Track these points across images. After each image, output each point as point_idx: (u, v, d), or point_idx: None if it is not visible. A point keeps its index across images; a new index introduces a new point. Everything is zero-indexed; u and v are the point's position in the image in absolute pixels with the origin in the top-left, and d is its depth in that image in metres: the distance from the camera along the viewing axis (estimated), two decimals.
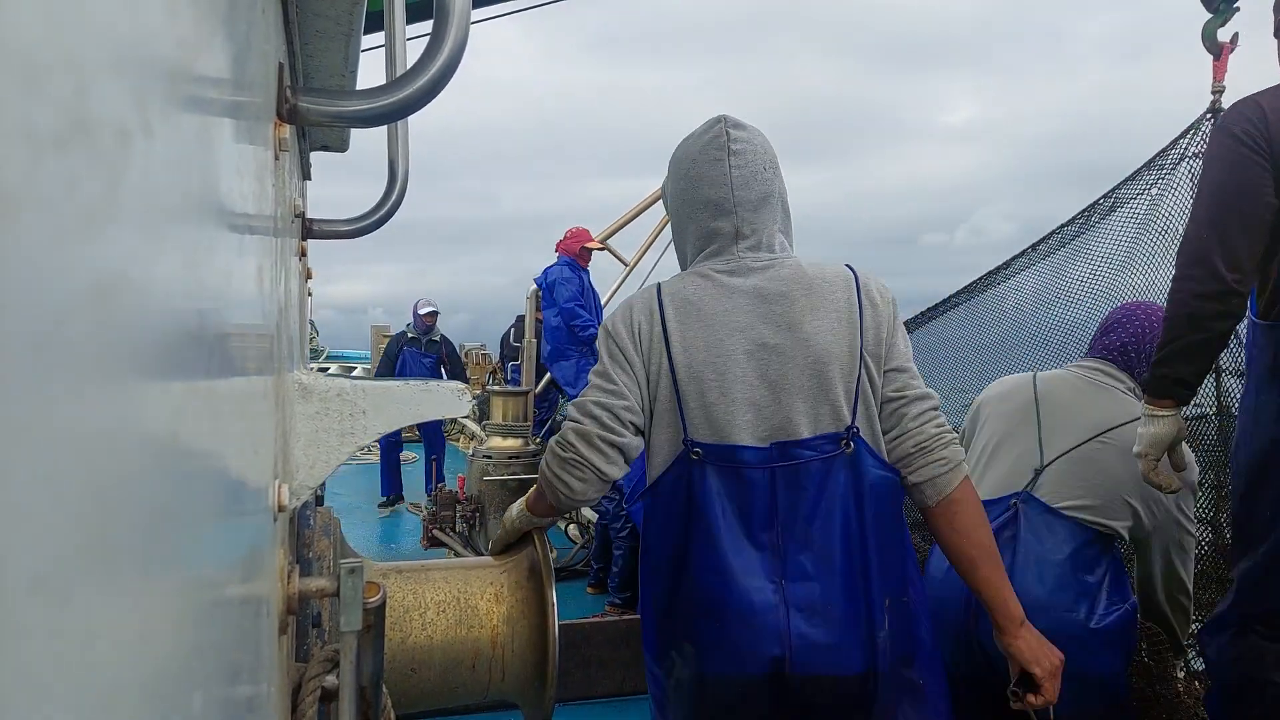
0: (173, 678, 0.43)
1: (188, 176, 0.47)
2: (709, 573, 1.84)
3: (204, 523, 0.54)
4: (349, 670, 1.20)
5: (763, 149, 1.95)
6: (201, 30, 0.52)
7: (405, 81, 1.16)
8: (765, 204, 1.94)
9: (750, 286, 1.90)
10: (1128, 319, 2.76)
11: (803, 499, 1.83)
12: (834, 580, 1.82)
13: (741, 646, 1.82)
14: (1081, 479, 2.58)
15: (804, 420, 1.85)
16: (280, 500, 1.06)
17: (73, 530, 0.28)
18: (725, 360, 1.87)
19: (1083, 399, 2.68)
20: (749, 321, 1.88)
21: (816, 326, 1.87)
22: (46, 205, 0.25)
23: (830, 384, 1.85)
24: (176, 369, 0.44)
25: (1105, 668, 2.54)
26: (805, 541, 1.82)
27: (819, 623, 1.80)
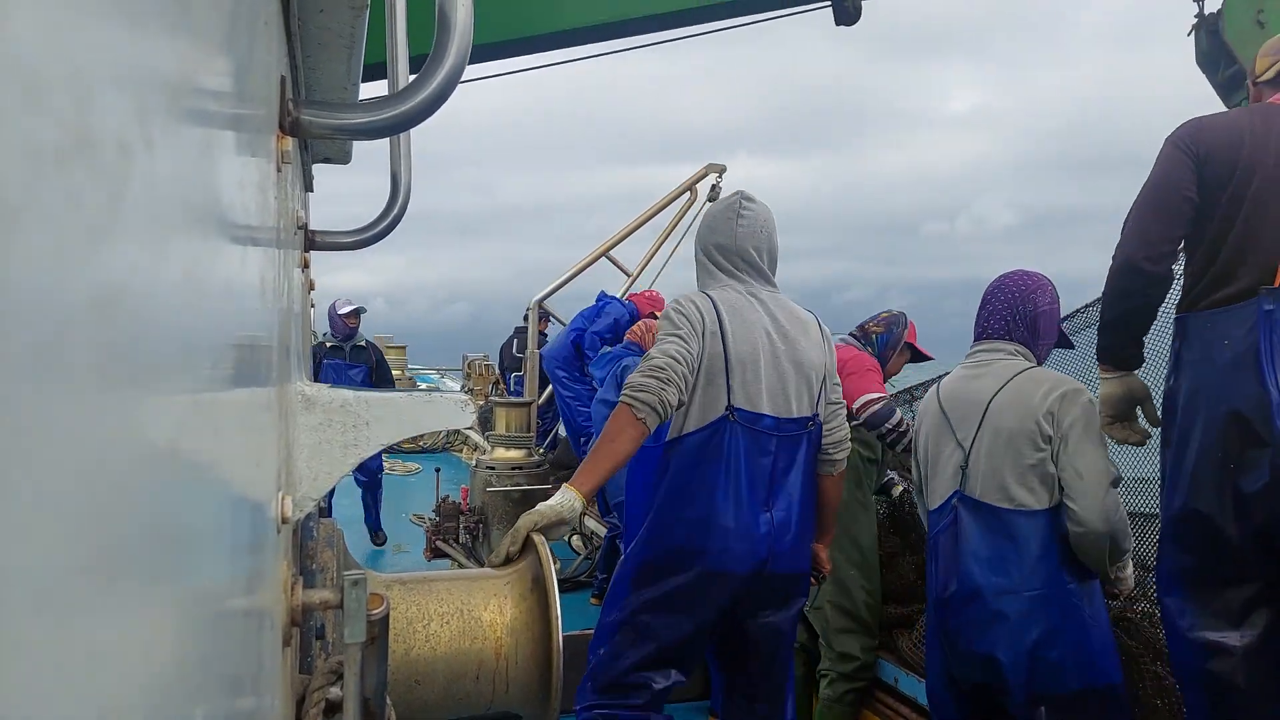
0: (176, 691, 0.43)
1: (190, 189, 0.47)
2: (730, 503, 2.68)
3: (207, 535, 0.54)
4: (353, 682, 1.19)
5: (765, 218, 2.88)
6: (203, 43, 0.52)
7: (407, 94, 1.16)
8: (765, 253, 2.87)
9: (765, 306, 2.80)
10: (994, 293, 2.91)
11: (785, 457, 2.76)
12: (794, 511, 2.77)
13: (742, 555, 2.70)
14: (992, 461, 2.69)
15: (795, 404, 2.77)
16: (283, 512, 1.06)
17: (75, 543, 0.28)
18: (757, 352, 2.72)
19: (972, 387, 2.83)
20: (769, 329, 2.77)
21: (806, 345, 2.82)
22: (49, 218, 0.25)
23: (810, 383, 2.80)
24: (179, 381, 0.45)
25: (1068, 642, 2.57)
26: (783, 486, 2.75)
27: (786, 539, 2.75)
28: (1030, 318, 2.84)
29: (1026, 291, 2.86)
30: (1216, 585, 2.38)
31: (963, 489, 2.76)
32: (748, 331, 2.71)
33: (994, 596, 2.64)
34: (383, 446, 1.49)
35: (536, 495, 6.71)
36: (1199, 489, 2.38)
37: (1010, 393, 2.70)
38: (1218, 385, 2.34)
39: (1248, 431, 2.26)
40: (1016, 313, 2.84)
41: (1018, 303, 2.85)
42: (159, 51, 0.39)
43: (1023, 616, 2.60)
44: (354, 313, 7.61)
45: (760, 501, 2.71)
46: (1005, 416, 2.68)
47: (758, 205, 2.88)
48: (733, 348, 2.68)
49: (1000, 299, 2.88)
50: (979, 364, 2.86)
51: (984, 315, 2.92)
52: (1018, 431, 2.65)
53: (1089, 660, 2.59)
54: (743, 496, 2.69)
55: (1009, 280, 2.91)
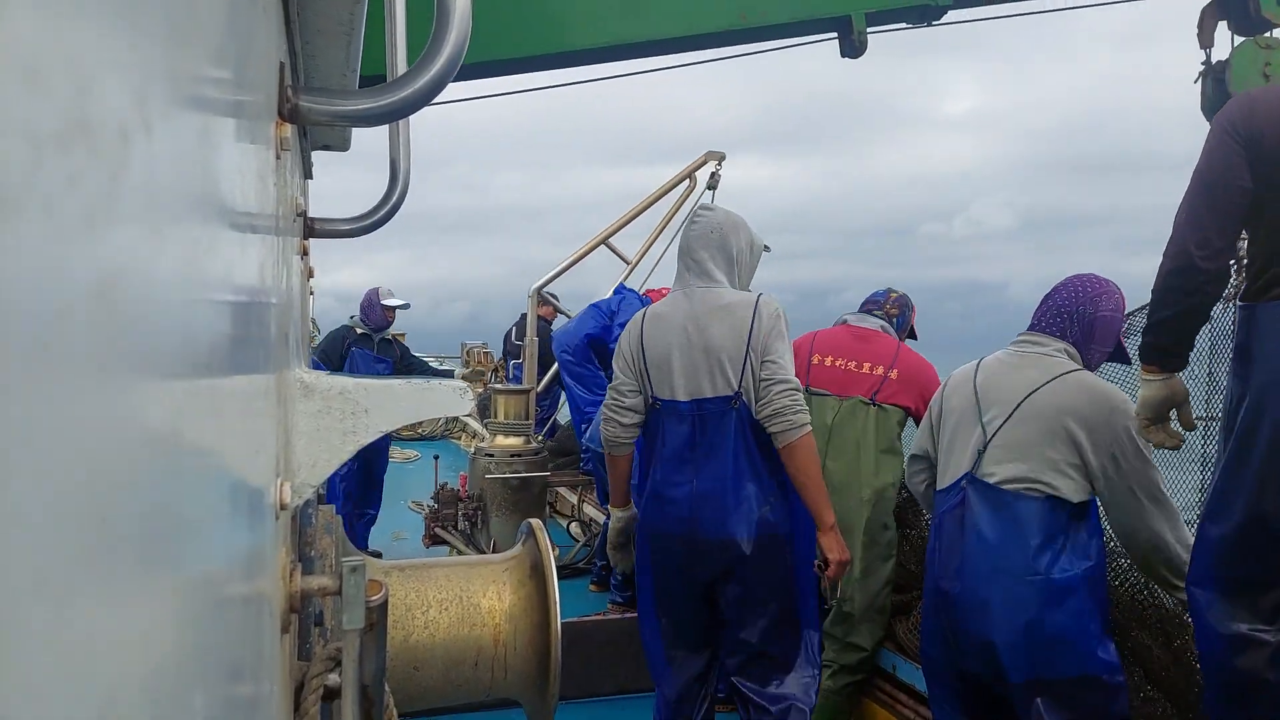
0: (175, 677, 0.43)
1: (189, 176, 0.47)
2: (659, 475, 3.13)
3: (206, 521, 0.54)
4: (351, 669, 1.20)
5: (716, 223, 3.21)
6: (202, 29, 0.52)
7: (406, 81, 1.16)
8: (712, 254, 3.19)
9: (692, 302, 3.13)
10: (1059, 289, 2.89)
11: (711, 433, 3.04)
12: (724, 484, 3.01)
13: (670, 517, 3.10)
14: (1014, 450, 2.69)
15: (709, 385, 3.05)
16: (282, 499, 1.06)
17: (74, 529, 0.28)
18: (670, 348, 3.11)
19: (1013, 373, 2.82)
20: (685, 324, 3.10)
21: (718, 331, 3.04)
22: (48, 204, 0.25)
23: (723, 365, 3.02)
24: (178, 367, 0.45)
25: (1066, 628, 2.59)
26: (709, 459, 3.03)
27: (710, 507, 3.02)
28: (1088, 320, 2.82)
29: (1092, 294, 2.84)
30: (1265, 588, 2.30)
31: (975, 471, 2.75)
32: (663, 333, 3.14)
33: (995, 580, 2.65)
34: (381, 433, 1.50)
35: (535, 482, 6.72)
36: (1265, 491, 2.25)
37: (1048, 395, 2.69)
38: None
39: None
40: (1076, 312, 2.82)
41: (1080, 302, 2.83)
42: (158, 38, 0.39)
43: (1022, 601, 2.61)
44: (399, 308, 7.25)
45: (684, 472, 3.08)
46: (1038, 421, 2.67)
47: (712, 213, 3.26)
48: (649, 352, 3.16)
49: (1063, 295, 2.87)
50: (1023, 354, 2.84)
51: (1043, 308, 2.89)
52: (1050, 428, 2.65)
53: (1088, 648, 2.60)
54: (670, 469, 3.11)
55: (1077, 280, 2.90)
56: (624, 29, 3.94)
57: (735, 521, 3.01)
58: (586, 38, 3.91)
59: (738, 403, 3.01)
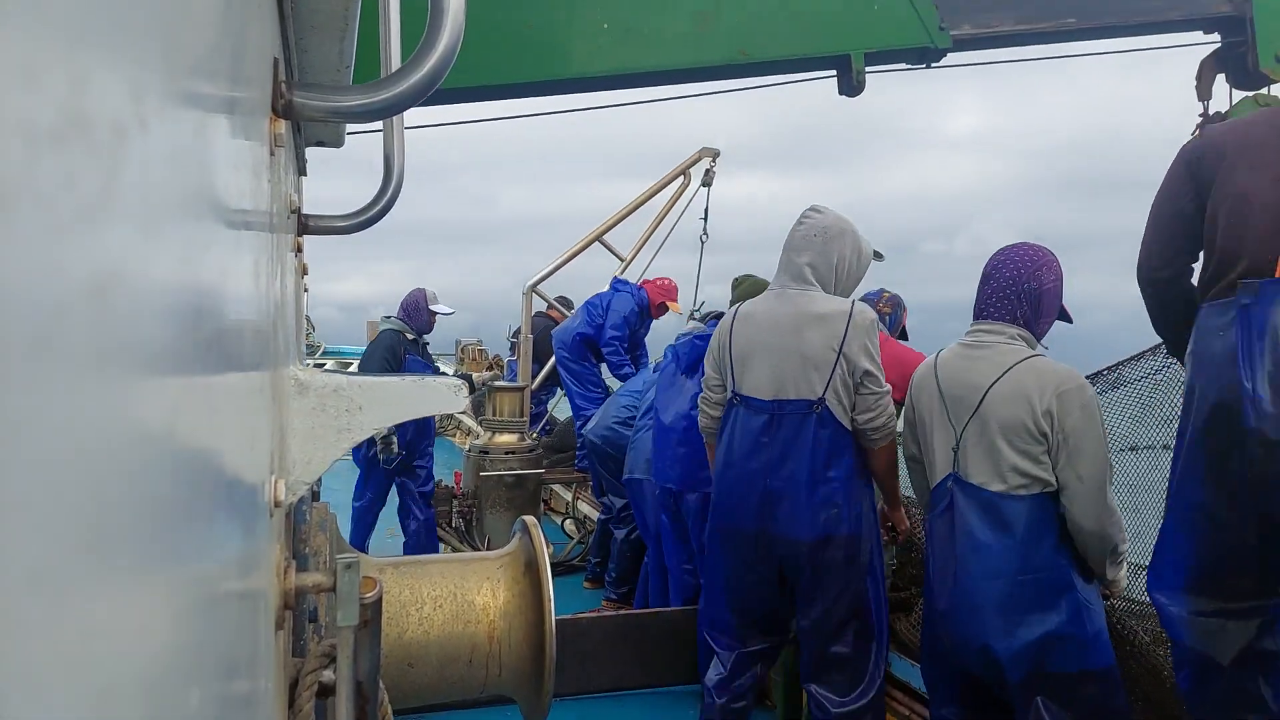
0: (170, 673, 0.43)
1: (183, 172, 0.47)
2: (733, 469, 3.26)
3: (200, 518, 0.54)
4: (346, 665, 1.20)
5: (822, 226, 3.28)
6: (197, 25, 0.52)
7: (400, 77, 1.16)
8: (809, 258, 3.26)
9: (786, 303, 3.23)
10: (996, 269, 2.87)
11: (788, 433, 3.16)
12: (797, 484, 3.13)
13: (741, 512, 3.23)
14: (986, 446, 2.70)
15: (794, 388, 3.15)
16: (276, 496, 1.06)
17: (69, 525, 0.28)
18: (757, 347, 3.23)
19: (969, 368, 2.81)
20: (779, 325, 3.21)
21: (812, 336, 3.13)
22: (43, 201, 0.25)
23: (817, 369, 3.12)
24: (173, 364, 0.44)
25: (1063, 624, 2.60)
26: (785, 459, 3.15)
27: (782, 505, 3.15)
28: (1034, 295, 2.80)
29: (1032, 268, 2.81)
30: (1214, 574, 2.42)
31: (957, 471, 2.76)
32: (751, 331, 3.26)
33: (989, 584, 2.65)
34: (376, 430, 1.49)
35: (530, 479, 6.72)
36: (1194, 478, 2.43)
37: (1009, 384, 2.68)
38: (1211, 377, 2.39)
39: (1233, 421, 2.29)
40: (1020, 291, 2.79)
41: (1023, 280, 2.80)
42: (153, 33, 0.39)
43: (1018, 601, 2.61)
44: (444, 314, 6.96)
45: (758, 470, 3.19)
46: (1002, 407, 2.66)
47: (820, 216, 3.31)
48: (735, 348, 3.28)
49: (1003, 275, 2.83)
50: (978, 345, 2.82)
51: (986, 292, 2.86)
52: (1012, 424, 2.64)
53: (1085, 643, 2.60)
54: (743, 464, 3.23)
55: (1013, 255, 2.86)
56: (624, 59, 3.98)
57: (805, 520, 3.13)
58: (587, 66, 3.95)
59: (820, 407, 3.12)
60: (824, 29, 4.17)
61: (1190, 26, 4.62)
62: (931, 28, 4.22)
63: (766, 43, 4.08)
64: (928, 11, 4.22)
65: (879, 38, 4.22)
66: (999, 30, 4.33)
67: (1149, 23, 4.54)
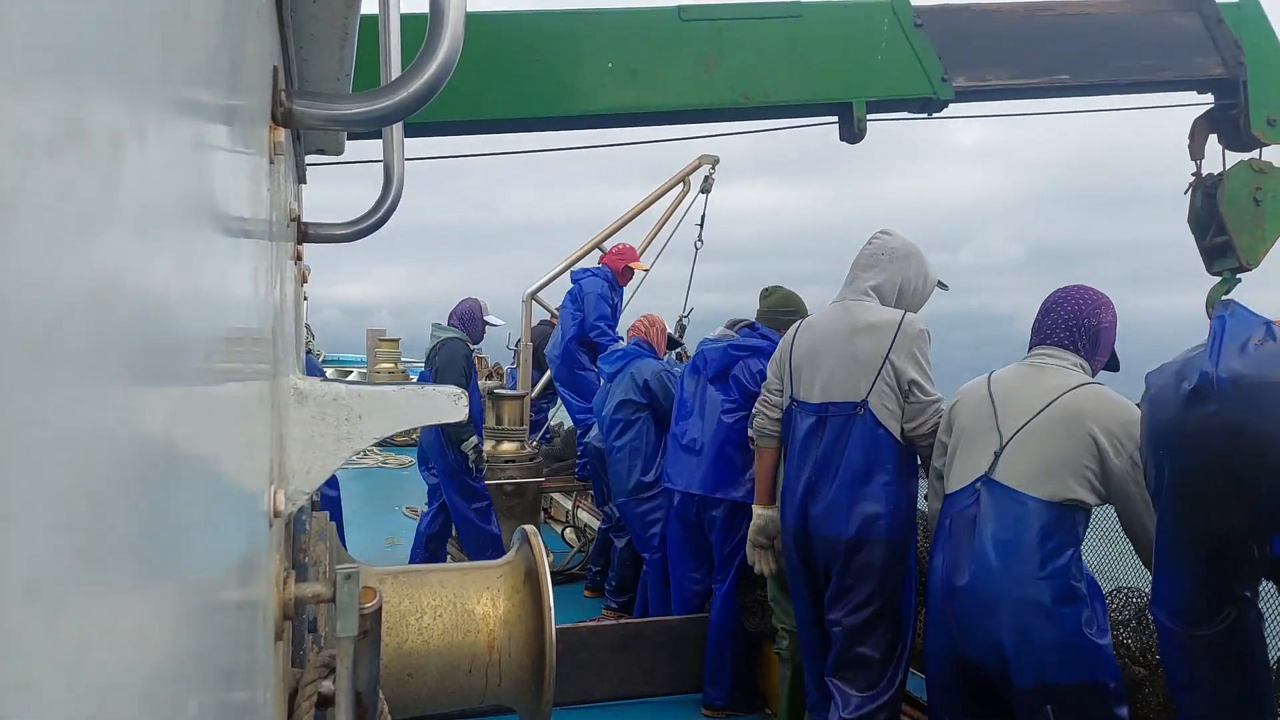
0: (168, 683, 0.43)
1: (182, 180, 0.47)
2: (787, 469, 3.48)
3: (200, 528, 0.54)
4: (345, 676, 1.19)
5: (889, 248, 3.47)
6: (196, 34, 0.52)
7: (400, 85, 1.16)
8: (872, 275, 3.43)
9: (844, 314, 3.39)
10: (1059, 303, 2.95)
11: (833, 433, 3.31)
12: (836, 484, 3.27)
13: (790, 510, 3.41)
14: (1032, 453, 2.74)
15: (842, 390, 3.30)
16: (276, 505, 1.06)
17: (68, 535, 0.28)
18: (815, 354, 3.40)
19: (1029, 383, 2.88)
20: (836, 333, 3.36)
21: (864, 343, 3.28)
22: (41, 210, 0.25)
23: (866, 373, 3.25)
24: (172, 373, 0.44)
25: (1075, 633, 2.63)
26: (830, 458, 3.29)
27: (822, 502, 3.30)
28: (1094, 331, 2.90)
29: (1093, 306, 2.92)
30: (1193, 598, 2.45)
31: (991, 473, 2.80)
32: (811, 339, 3.45)
33: (1005, 580, 2.68)
34: (375, 440, 1.49)
35: (530, 488, 6.71)
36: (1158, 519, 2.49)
37: (1064, 406, 2.74)
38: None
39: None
40: (1082, 325, 2.89)
41: (1084, 315, 2.90)
42: (151, 42, 0.39)
43: (1032, 603, 2.64)
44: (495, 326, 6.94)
45: (804, 469, 3.37)
46: (1053, 429, 2.73)
47: (889, 238, 3.50)
48: (795, 355, 3.48)
49: (1066, 309, 2.92)
50: (1039, 365, 2.90)
51: (1047, 323, 2.94)
52: (1062, 445, 2.70)
53: (1095, 654, 2.63)
54: (794, 464, 3.43)
55: (1075, 292, 2.96)
56: (628, 98, 4.05)
57: (842, 519, 3.26)
58: (592, 103, 4.03)
59: (863, 410, 3.26)
60: (827, 76, 4.23)
61: (1184, 87, 4.68)
62: (935, 78, 4.26)
63: (769, 87, 4.14)
64: (931, 62, 4.25)
65: (882, 87, 4.27)
66: (992, 84, 4.38)
67: (1143, 81, 4.58)
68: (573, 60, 3.97)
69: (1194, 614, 2.45)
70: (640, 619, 4.99)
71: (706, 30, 4.06)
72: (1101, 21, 4.45)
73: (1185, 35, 4.47)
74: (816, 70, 4.20)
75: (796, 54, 4.17)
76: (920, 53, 4.25)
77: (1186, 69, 4.48)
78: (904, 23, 4.25)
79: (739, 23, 4.11)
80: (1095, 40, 4.43)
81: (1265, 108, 4.52)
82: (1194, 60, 4.48)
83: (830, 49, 4.21)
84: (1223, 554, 2.39)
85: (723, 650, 4.38)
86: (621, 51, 3.99)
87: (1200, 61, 4.48)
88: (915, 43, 4.25)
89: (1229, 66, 4.47)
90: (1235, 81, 4.50)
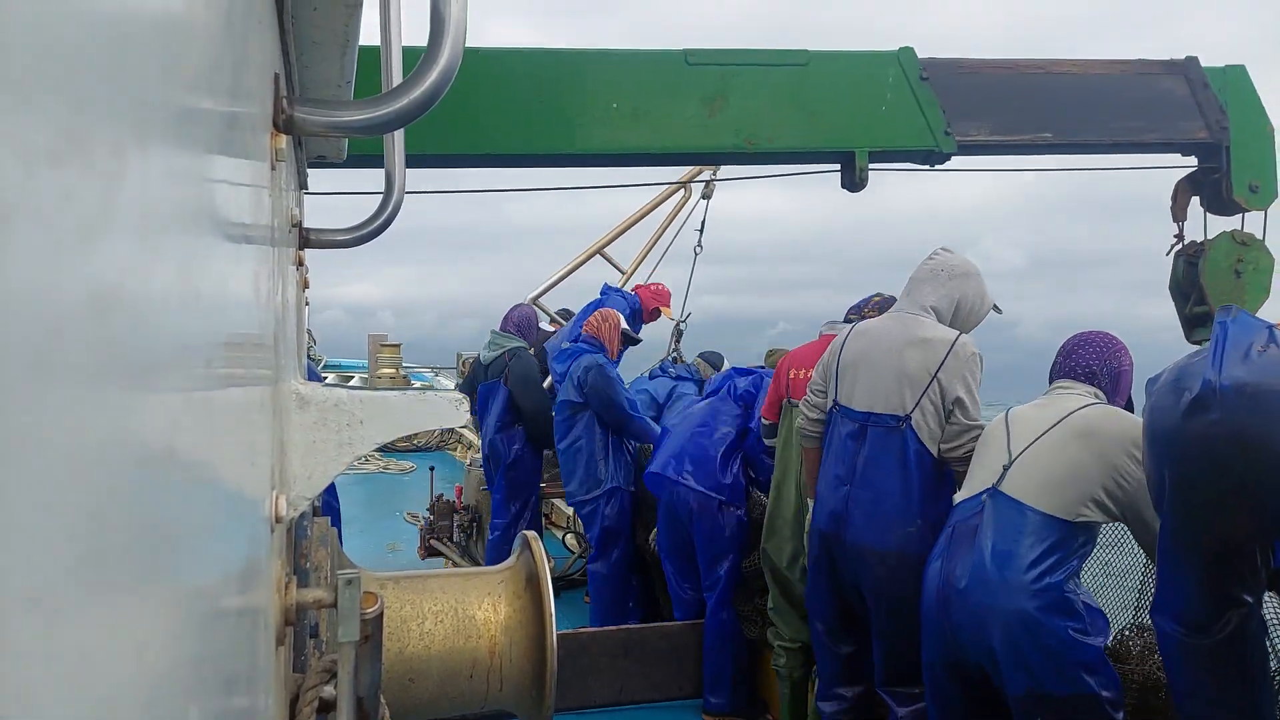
0: (169, 690, 0.43)
1: (184, 187, 0.47)
2: (824, 472, 3.47)
3: (201, 534, 0.54)
4: (347, 681, 1.19)
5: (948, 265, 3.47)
6: (197, 41, 0.52)
7: (401, 92, 1.16)
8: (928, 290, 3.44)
9: (897, 326, 3.40)
10: (1080, 345, 3.05)
11: (876, 444, 3.30)
12: (876, 494, 3.26)
13: (823, 514, 3.43)
14: (1041, 467, 2.78)
15: (886, 402, 3.28)
16: (277, 511, 1.06)
17: (68, 543, 0.28)
18: (860, 362, 3.40)
19: (1044, 407, 2.98)
20: (886, 345, 3.35)
21: (912, 356, 3.27)
22: (42, 218, 0.25)
23: (912, 388, 3.25)
24: (173, 380, 0.44)
25: (1069, 645, 2.63)
26: (870, 468, 3.29)
27: (860, 513, 3.29)
28: (1115, 373, 2.98)
29: (1114, 349, 3.02)
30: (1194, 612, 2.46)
31: (999, 485, 2.84)
32: (861, 346, 3.44)
33: (1003, 588, 2.70)
34: (377, 445, 1.49)
35: None
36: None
37: (1081, 422, 2.80)
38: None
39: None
40: (1105, 365, 2.98)
41: (1106, 357, 3.00)
42: (153, 49, 0.39)
43: (1028, 613, 2.65)
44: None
45: (843, 475, 3.37)
46: (1072, 440, 2.78)
47: (949, 256, 3.54)
48: (843, 359, 3.48)
49: (1088, 350, 3.02)
50: (1059, 395, 2.98)
51: (1069, 362, 3.02)
52: (1080, 456, 2.74)
53: (1088, 667, 2.64)
54: (832, 468, 3.43)
55: (1095, 336, 3.07)
56: (631, 139, 4.08)
57: (879, 530, 3.27)
58: (595, 143, 4.06)
59: (904, 425, 3.25)
60: (831, 125, 4.24)
61: (1168, 149, 4.68)
62: (938, 132, 4.27)
63: (772, 134, 4.15)
64: (934, 116, 4.26)
65: (885, 138, 4.28)
66: (976, 139, 4.38)
67: (1127, 142, 4.59)
68: (577, 99, 3.99)
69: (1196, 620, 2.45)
70: (641, 624, 4.98)
71: (712, 75, 4.09)
72: (1090, 82, 4.47)
73: (1171, 99, 4.48)
74: (821, 119, 4.21)
75: (801, 102, 4.18)
76: (925, 106, 4.26)
77: (1172, 131, 4.50)
78: (910, 75, 4.26)
79: (745, 69, 4.13)
80: (1083, 99, 4.45)
81: (1247, 173, 4.52)
82: (1178, 124, 4.49)
83: (835, 98, 4.22)
84: (1225, 559, 2.39)
85: (721, 658, 4.37)
86: (627, 92, 4.01)
87: (1185, 125, 4.49)
88: (920, 95, 4.26)
89: (1213, 131, 4.48)
90: (1218, 146, 4.50)
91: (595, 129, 4.00)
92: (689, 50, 4.11)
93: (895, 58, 4.27)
